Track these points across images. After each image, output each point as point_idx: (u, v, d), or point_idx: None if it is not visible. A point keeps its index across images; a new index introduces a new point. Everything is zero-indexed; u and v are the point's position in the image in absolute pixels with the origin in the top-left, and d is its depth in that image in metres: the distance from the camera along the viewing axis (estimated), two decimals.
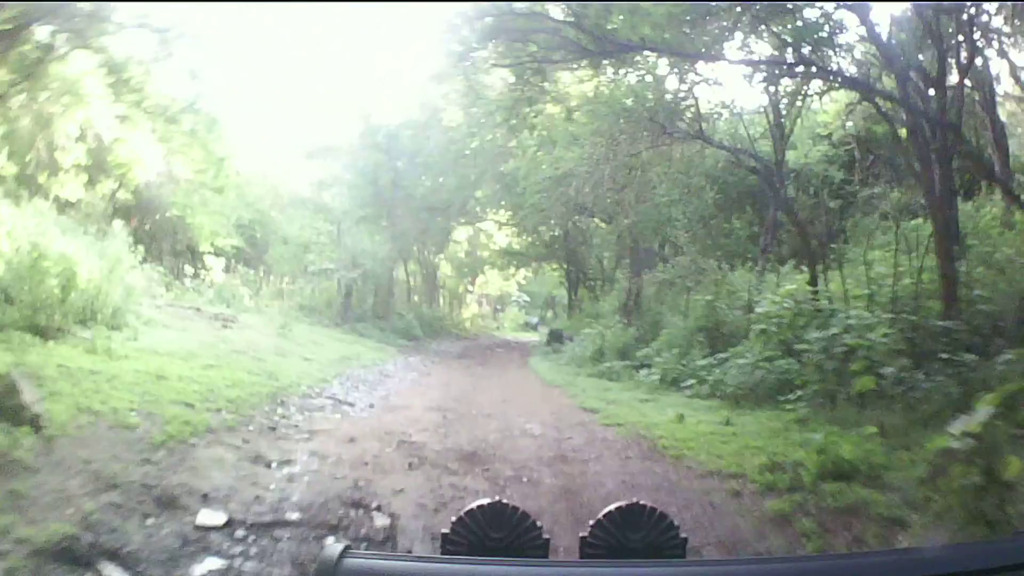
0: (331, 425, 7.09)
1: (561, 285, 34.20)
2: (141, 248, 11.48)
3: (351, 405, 8.23)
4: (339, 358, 12.02)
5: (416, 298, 27.70)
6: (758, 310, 10.70)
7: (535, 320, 42.22)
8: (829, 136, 16.76)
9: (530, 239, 30.38)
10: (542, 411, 9.38)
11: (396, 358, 14.52)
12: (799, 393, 8.12)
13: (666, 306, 15.80)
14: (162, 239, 19.28)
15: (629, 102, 12.32)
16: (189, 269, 19.14)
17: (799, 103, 14.19)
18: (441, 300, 30.94)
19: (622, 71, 12.23)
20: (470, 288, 36.69)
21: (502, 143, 17.22)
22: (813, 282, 10.42)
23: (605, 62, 9.52)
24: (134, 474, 4.72)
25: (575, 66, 9.35)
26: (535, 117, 11.86)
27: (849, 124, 16.23)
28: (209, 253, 20.41)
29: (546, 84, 10.32)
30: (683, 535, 1.20)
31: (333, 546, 0.91)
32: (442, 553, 1.15)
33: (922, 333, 7.92)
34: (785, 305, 9.91)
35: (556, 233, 27.73)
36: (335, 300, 18.06)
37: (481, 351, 21.37)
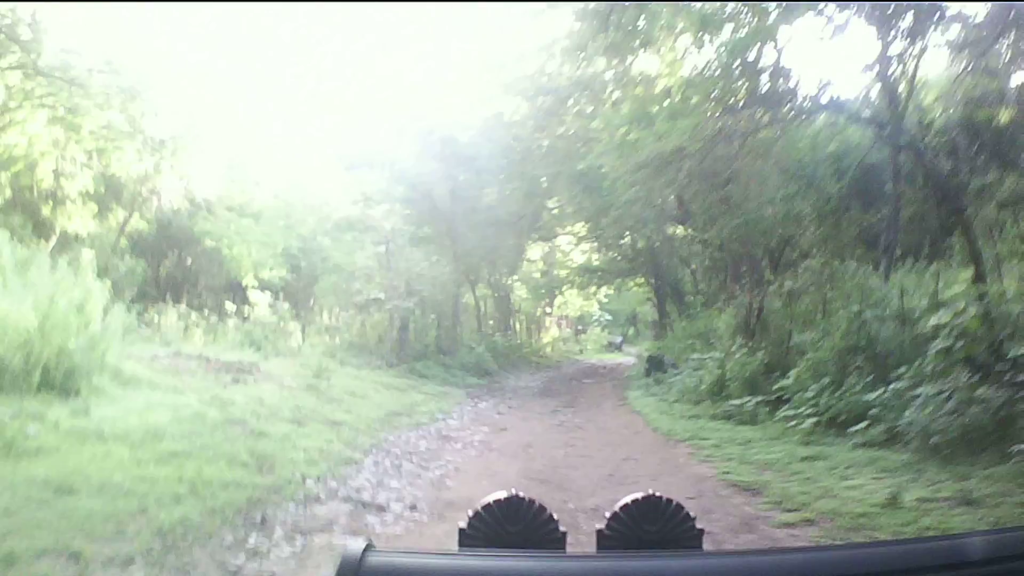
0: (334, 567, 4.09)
1: (648, 301, 31.28)
2: (110, 283, 8.80)
3: (381, 510, 5.22)
4: (383, 416, 9.02)
5: (491, 323, 24.84)
6: (932, 321, 8.25)
7: (618, 339, 40.42)
8: (930, 124, 14.74)
9: (612, 254, 27.39)
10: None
11: (463, 406, 11.53)
12: None
13: (796, 323, 12.83)
14: (199, 273, 17.11)
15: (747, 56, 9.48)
16: (231, 306, 16.90)
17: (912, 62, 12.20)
18: (517, 326, 27.95)
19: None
20: (548, 310, 33.65)
21: (578, 128, 14.19)
22: (980, 281, 8.53)
23: None
24: None
25: None
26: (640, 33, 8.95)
27: (950, 111, 14.71)
28: (254, 287, 18.10)
29: None
30: (700, 527, 1.09)
31: (356, 542, 0.78)
32: (459, 547, 1.03)
33: None
34: (970, 312, 7.71)
35: (639, 245, 24.84)
36: (388, 335, 15.16)
37: (566, 384, 18.17)
